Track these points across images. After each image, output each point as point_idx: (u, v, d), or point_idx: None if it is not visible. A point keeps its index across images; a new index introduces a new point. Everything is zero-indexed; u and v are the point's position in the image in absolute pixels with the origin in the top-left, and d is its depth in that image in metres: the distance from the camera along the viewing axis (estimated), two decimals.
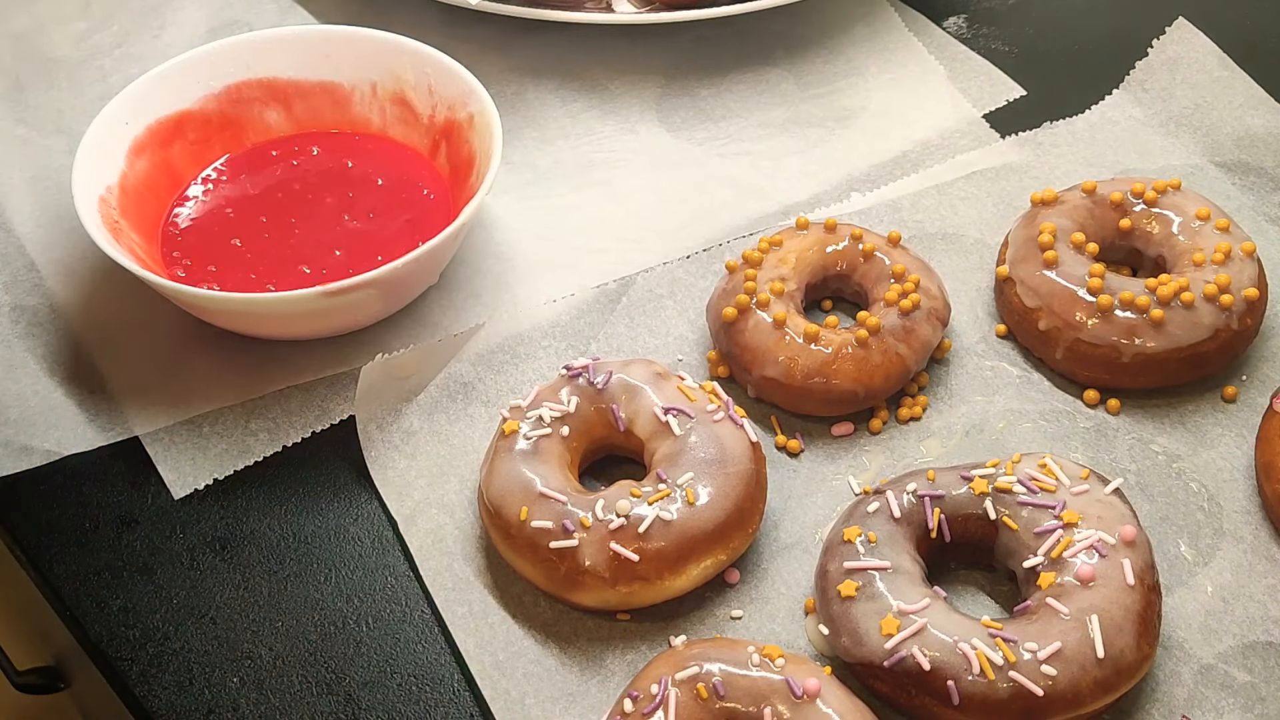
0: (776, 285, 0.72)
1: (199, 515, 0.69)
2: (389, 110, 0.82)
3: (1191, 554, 0.66)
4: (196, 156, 0.81)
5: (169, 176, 0.80)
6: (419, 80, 0.81)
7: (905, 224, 0.80)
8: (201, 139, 0.81)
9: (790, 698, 0.57)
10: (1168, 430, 0.71)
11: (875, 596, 0.60)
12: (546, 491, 0.64)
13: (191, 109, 0.81)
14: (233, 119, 0.82)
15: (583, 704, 0.62)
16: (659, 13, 0.88)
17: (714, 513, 0.63)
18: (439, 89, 0.80)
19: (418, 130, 0.81)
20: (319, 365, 0.74)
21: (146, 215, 0.77)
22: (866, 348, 0.70)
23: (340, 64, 0.82)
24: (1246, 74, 0.87)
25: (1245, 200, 0.81)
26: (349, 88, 0.82)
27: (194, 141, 0.81)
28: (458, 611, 0.65)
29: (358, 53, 0.82)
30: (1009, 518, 0.63)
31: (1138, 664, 0.59)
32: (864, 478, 0.69)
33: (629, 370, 0.68)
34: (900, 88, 0.89)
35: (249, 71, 0.82)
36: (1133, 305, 0.70)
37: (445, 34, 0.90)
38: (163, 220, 0.78)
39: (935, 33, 0.93)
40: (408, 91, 0.81)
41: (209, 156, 0.81)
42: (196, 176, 0.80)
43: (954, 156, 0.84)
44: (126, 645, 0.65)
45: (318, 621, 0.65)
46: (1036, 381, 0.73)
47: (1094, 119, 0.86)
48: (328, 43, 0.82)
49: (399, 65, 0.81)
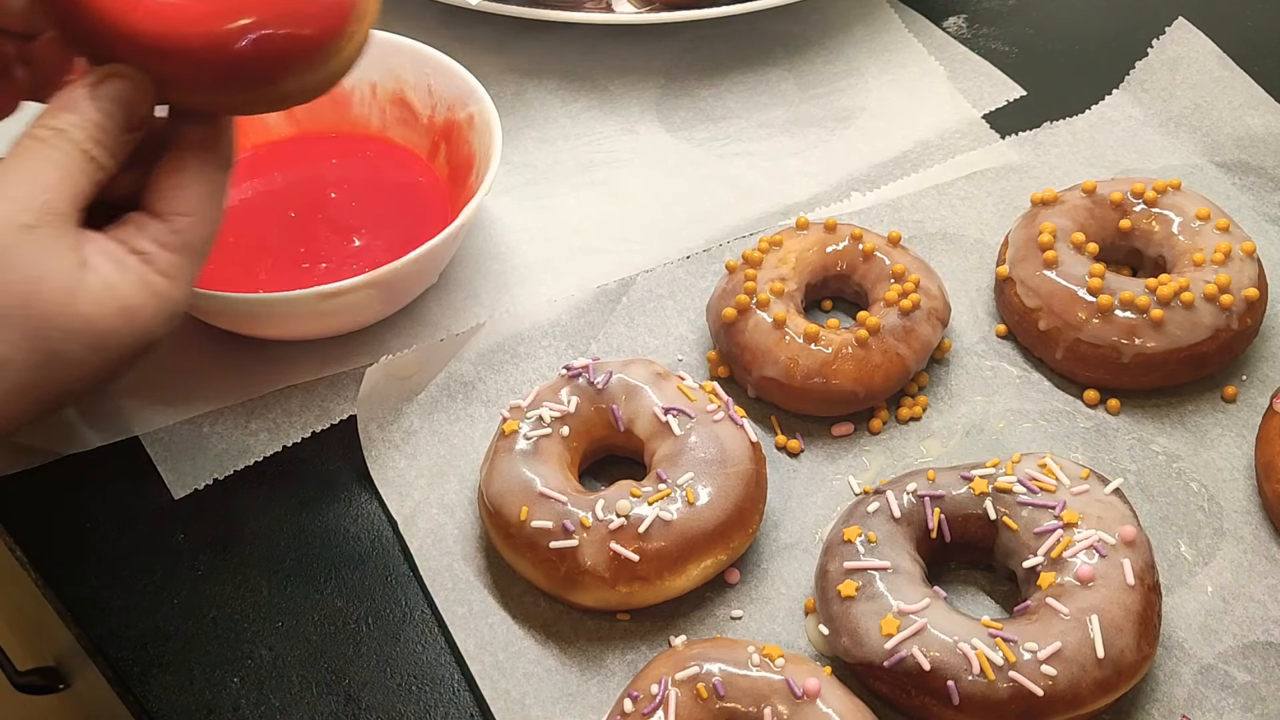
0: (776, 285, 0.72)
1: (199, 515, 0.69)
2: (389, 111, 0.82)
3: (1191, 554, 0.66)
4: None
5: None
6: (419, 80, 0.81)
7: (905, 224, 0.80)
8: None
9: (790, 698, 0.57)
10: (1168, 430, 0.71)
11: (875, 596, 0.60)
12: (546, 491, 0.64)
13: None
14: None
15: (583, 704, 0.62)
16: (659, 13, 0.88)
17: (714, 513, 0.63)
18: (438, 89, 0.80)
19: (417, 131, 0.81)
20: (319, 365, 0.74)
21: None
22: (866, 348, 0.70)
23: None
24: (1246, 74, 0.87)
25: (1245, 200, 0.81)
26: (348, 88, 0.82)
27: None
28: (458, 611, 0.65)
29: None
30: (1009, 518, 0.63)
31: (1138, 664, 0.59)
32: (864, 478, 0.69)
33: (629, 370, 0.68)
34: (900, 88, 0.89)
35: None
36: (1133, 305, 0.70)
37: (445, 34, 0.90)
38: None
39: (935, 33, 0.93)
40: (407, 92, 0.81)
41: None
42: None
43: (954, 157, 0.84)
44: (126, 645, 0.65)
45: (318, 621, 0.65)
46: (1036, 381, 0.73)
47: (1094, 119, 0.86)
48: None
49: (399, 65, 0.81)
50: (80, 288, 0.54)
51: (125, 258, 0.55)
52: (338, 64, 0.58)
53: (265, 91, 0.57)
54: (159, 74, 0.56)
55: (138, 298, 0.55)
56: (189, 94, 0.57)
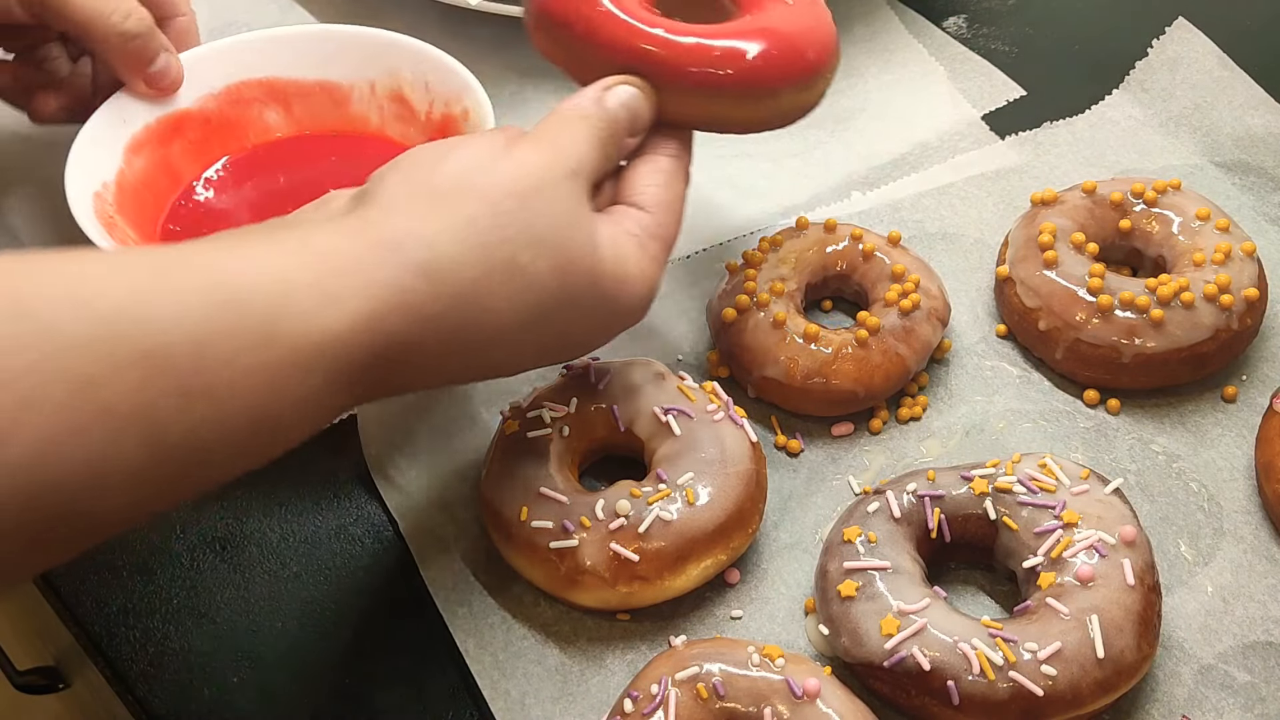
0: (776, 285, 0.72)
1: (199, 515, 0.69)
2: (387, 108, 0.82)
3: (1191, 554, 0.66)
4: (197, 156, 0.81)
5: (168, 175, 0.79)
6: (416, 77, 0.81)
7: (905, 224, 0.80)
8: (201, 138, 0.81)
9: (790, 698, 0.57)
10: (1168, 430, 0.71)
11: (875, 596, 0.60)
12: (546, 491, 0.64)
13: (191, 109, 0.80)
14: (232, 119, 0.82)
15: (583, 704, 0.62)
16: None
17: (714, 513, 0.63)
18: (435, 85, 0.80)
19: (415, 126, 0.81)
20: None
21: (145, 213, 0.77)
22: (866, 348, 0.70)
23: (339, 63, 0.82)
24: (1246, 74, 0.87)
25: (1245, 200, 0.81)
26: (347, 86, 0.82)
27: (194, 141, 0.81)
28: (458, 611, 0.65)
29: (356, 51, 0.82)
30: (1009, 518, 0.63)
31: (1138, 664, 0.59)
32: (864, 478, 0.69)
33: (629, 370, 0.68)
34: (900, 88, 0.89)
35: (248, 71, 0.82)
36: (1133, 305, 0.70)
37: (444, 34, 0.90)
38: (162, 219, 0.78)
39: (935, 33, 0.93)
40: (405, 88, 0.81)
41: (209, 156, 0.81)
42: (198, 176, 0.80)
43: (953, 157, 0.84)
44: (126, 645, 0.65)
45: (318, 621, 0.65)
46: (1036, 381, 0.73)
47: (1094, 119, 0.86)
48: (327, 42, 0.82)
49: (397, 62, 0.81)
50: (599, 244, 0.58)
51: (624, 234, 0.60)
52: (814, 94, 0.68)
53: (759, 105, 0.66)
54: (668, 85, 0.64)
55: (635, 269, 0.59)
56: (687, 104, 0.65)
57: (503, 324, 0.55)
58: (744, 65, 0.64)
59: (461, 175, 0.56)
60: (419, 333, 0.53)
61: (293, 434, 0.52)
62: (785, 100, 0.67)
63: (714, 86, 0.64)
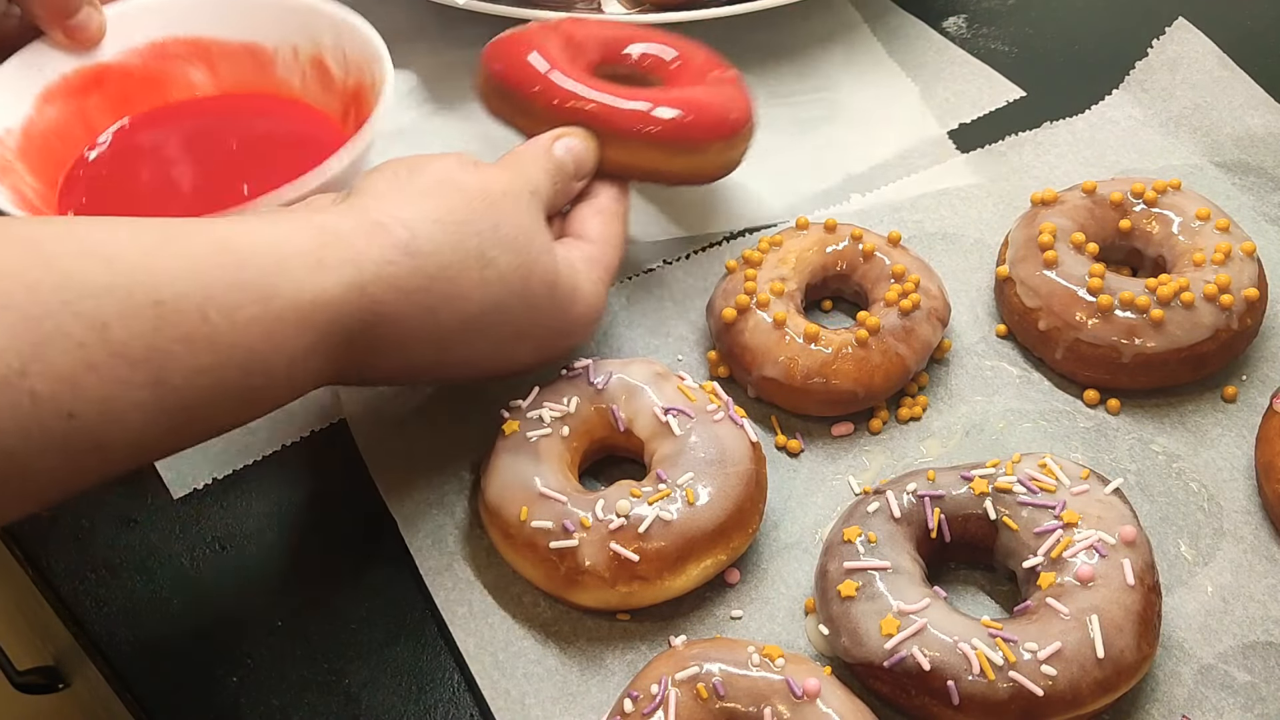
0: (776, 285, 0.72)
1: (199, 515, 0.69)
2: (308, 74, 0.81)
3: (1191, 554, 0.66)
4: (115, 110, 0.80)
5: (83, 126, 0.79)
6: (335, 44, 0.80)
7: (905, 224, 0.80)
8: (121, 93, 0.80)
9: (790, 698, 0.57)
10: (1168, 430, 0.71)
11: (875, 596, 0.60)
12: (546, 491, 0.64)
13: (112, 62, 0.80)
14: (156, 75, 0.81)
15: (583, 704, 0.62)
16: (648, 14, 0.88)
17: (714, 513, 0.63)
18: (351, 53, 0.79)
19: (332, 94, 0.81)
20: None
21: (51, 162, 0.77)
22: (866, 348, 0.70)
23: (263, 25, 0.81)
24: (1246, 74, 0.87)
25: (1245, 200, 0.81)
26: (271, 49, 0.82)
27: (113, 95, 0.80)
28: (458, 611, 0.65)
29: (280, 15, 0.81)
30: (1009, 518, 0.63)
31: (1138, 664, 0.59)
32: (864, 478, 0.69)
33: (629, 370, 0.68)
34: (900, 88, 0.89)
35: (174, 28, 0.81)
36: (1133, 305, 0.70)
37: (439, 34, 0.90)
38: (66, 169, 0.78)
39: (933, 34, 0.93)
40: (325, 55, 0.81)
41: (128, 111, 0.81)
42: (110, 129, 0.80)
43: (953, 158, 0.84)
44: (126, 645, 0.65)
45: (318, 621, 0.65)
46: (1036, 381, 0.73)
47: (1094, 119, 0.86)
48: (253, 4, 0.82)
49: (318, 28, 0.80)
50: (556, 258, 0.65)
51: (576, 257, 0.67)
52: (737, 152, 0.76)
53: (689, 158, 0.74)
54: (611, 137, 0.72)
55: (586, 286, 0.67)
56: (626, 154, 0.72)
57: (469, 312, 0.61)
58: (678, 122, 0.72)
59: (441, 175, 0.63)
60: (399, 305, 0.59)
61: (281, 391, 0.58)
62: (712, 155, 0.74)
63: (651, 140, 0.72)
